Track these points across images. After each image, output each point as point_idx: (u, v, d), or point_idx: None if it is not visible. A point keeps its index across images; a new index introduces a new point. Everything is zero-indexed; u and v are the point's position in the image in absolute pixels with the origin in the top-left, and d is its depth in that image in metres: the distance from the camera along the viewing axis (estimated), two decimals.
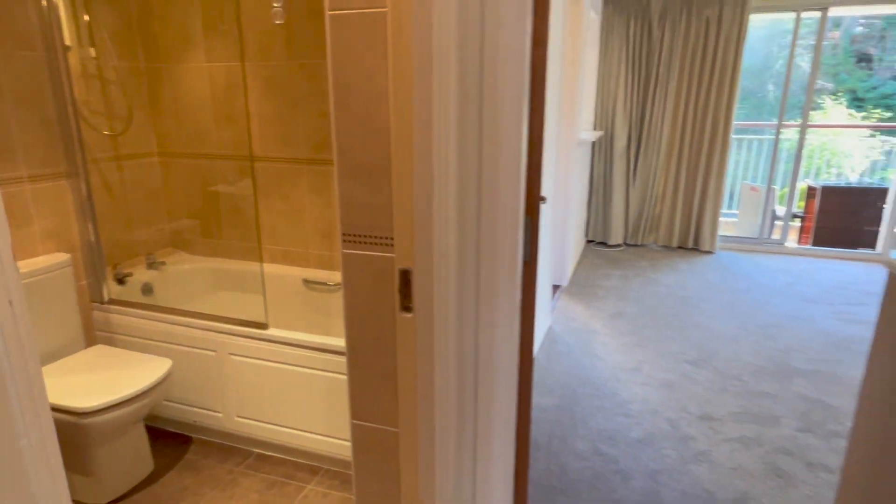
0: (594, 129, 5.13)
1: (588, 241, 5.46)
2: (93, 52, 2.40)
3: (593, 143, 5.13)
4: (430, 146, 1.06)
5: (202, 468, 2.16)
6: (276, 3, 2.28)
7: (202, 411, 2.28)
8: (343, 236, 1.26)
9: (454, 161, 1.06)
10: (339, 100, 1.18)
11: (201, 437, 2.34)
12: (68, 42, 2.23)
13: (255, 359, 2.11)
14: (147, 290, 2.60)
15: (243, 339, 2.11)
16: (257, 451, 2.25)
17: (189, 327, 2.20)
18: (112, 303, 2.36)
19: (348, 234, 1.26)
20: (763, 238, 5.32)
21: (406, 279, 1.17)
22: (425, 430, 1.23)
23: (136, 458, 2.06)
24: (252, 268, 2.71)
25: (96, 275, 2.34)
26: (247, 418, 2.21)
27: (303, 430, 2.13)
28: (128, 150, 2.63)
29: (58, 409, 1.80)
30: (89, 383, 1.93)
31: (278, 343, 2.06)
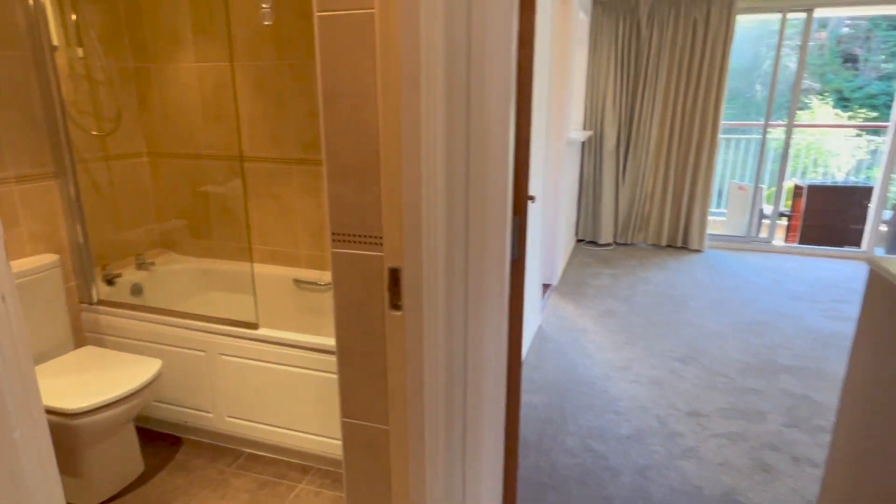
0: (584, 128, 5.16)
1: (578, 240, 5.49)
2: (80, 51, 2.39)
3: (583, 143, 5.17)
4: (418, 145, 1.07)
5: (193, 469, 2.16)
6: (265, 5, 2.28)
7: (192, 412, 2.28)
8: (333, 235, 1.27)
9: (442, 160, 1.07)
10: (328, 100, 1.19)
11: (192, 438, 2.33)
12: (56, 42, 2.21)
13: (246, 359, 2.11)
14: (136, 290, 2.59)
15: (233, 340, 2.11)
16: (248, 451, 2.25)
17: (179, 328, 2.20)
18: (101, 304, 2.35)
19: (338, 234, 1.27)
20: (751, 236, 5.38)
21: (395, 278, 1.18)
22: (415, 427, 1.24)
23: (127, 459, 2.06)
24: (242, 268, 2.71)
25: (85, 276, 2.33)
26: (237, 418, 2.21)
27: (294, 430, 2.13)
28: (116, 151, 2.62)
29: (47, 411, 1.77)
30: (79, 384, 1.93)
31: (269, 343, 2.06)
